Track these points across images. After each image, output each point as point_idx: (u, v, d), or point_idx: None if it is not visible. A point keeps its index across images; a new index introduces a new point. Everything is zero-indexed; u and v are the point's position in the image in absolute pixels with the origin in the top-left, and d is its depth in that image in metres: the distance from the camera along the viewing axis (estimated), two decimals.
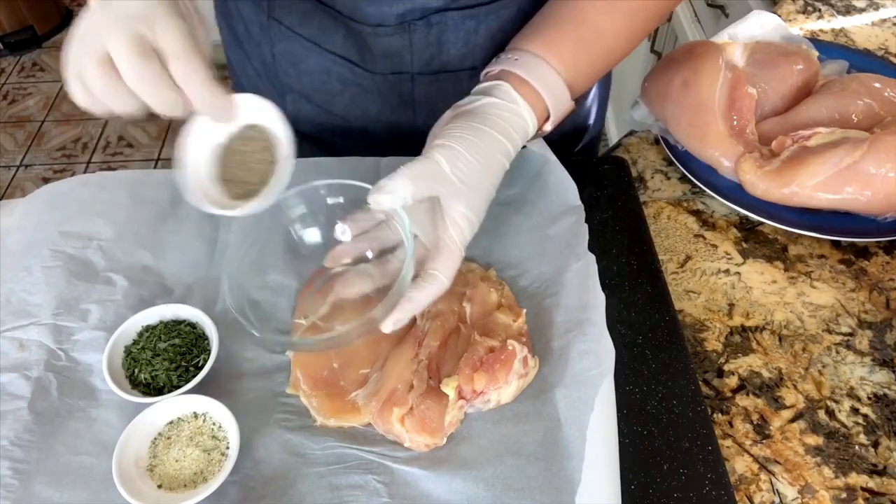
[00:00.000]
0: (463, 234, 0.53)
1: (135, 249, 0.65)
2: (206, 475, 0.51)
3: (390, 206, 0.50)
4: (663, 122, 0.78)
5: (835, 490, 0.53)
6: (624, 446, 0.52)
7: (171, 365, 0.56)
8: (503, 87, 0.57)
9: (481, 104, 0.56)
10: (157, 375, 0.55)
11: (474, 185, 0.53)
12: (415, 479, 0.51)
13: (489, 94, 0.57)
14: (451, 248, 0.53)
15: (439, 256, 0.52)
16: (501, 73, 0.58)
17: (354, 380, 0.56)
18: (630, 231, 0.68)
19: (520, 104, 0.56)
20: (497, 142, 0.54)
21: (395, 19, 0.68)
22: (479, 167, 0.53)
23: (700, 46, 0.80)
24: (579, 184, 0.65)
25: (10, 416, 0.54)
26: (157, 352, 0.56)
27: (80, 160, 2.40)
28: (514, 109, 0.56)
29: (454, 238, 0.53)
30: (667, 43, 1.68)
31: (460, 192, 0.52)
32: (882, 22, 0.98)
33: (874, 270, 0.68)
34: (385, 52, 0.70)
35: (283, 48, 0.74)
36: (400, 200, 0.50)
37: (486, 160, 0.53)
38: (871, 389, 0.59)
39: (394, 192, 0.50)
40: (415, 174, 0.51)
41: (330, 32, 0.71)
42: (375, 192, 0.50)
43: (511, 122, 0.56)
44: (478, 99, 0.56)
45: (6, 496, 0.50)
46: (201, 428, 0.53)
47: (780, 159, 0.71)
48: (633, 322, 0.61)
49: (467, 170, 0.52)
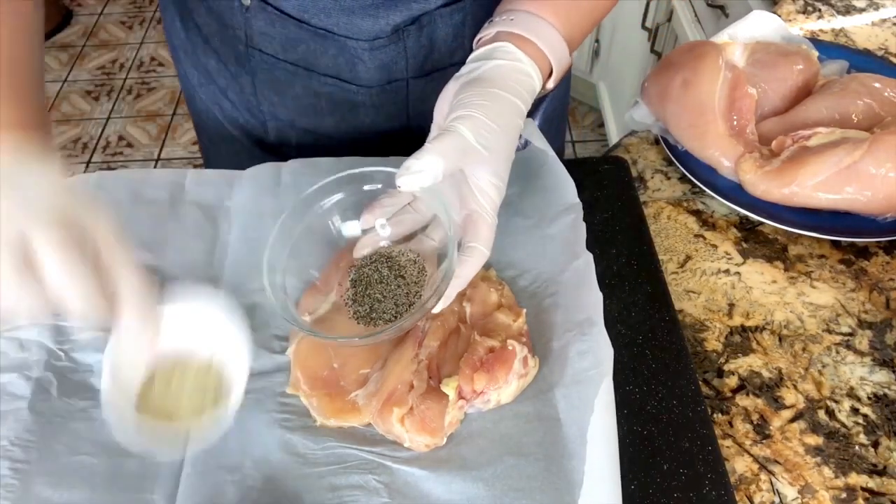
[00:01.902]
0: (493, 201, 0.52)
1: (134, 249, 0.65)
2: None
3: (422, 185, 0.49)
4: (663, 122, 0.78)
5: (835, 490, 0.53)
6: (624, 446, 0.52)
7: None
8: (506, 48, 0.55)
9: (488, 68, 0.55)
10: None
11: (497, 150, 0.52)
12: (415, 479, 0.51)
13: (492, 57, 0.55)
14: (484, 217, 0.52)
15: (475, 228, 0.52)
16: (499, 35, 0.57)
17: (354, 380, 0.56)
18: (630, 231, 0.68)
19: (525, 62, 0.55)
20: (511, 104, 0.53)
21: (391, 30, 0.67)
22: (500, 132, 0.52)
23: (700, 46, 0.80)
24: (579, 184, 0.65)
25: (10, 417, 0.54)
26: None
27: (80, 160, 2.40)
28: (521, 68, 0.55)
29: (486, 207, 0.52)
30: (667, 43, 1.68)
31: (486, 159, 0.51)
32: (882, 22, 0.98)
33: (874, 270, 0.68)
34: (380, 63, 0.69)
35: (266, 77, 0.72)
36: (431, 178, 0.49)
37: (504, 124, 0.52)
38: (871, 389, 0.59)
39: (424, 171, 0.48)
40: (443, 149, 0.49)
41: (318, 54, 0.69)
42: (404, 173, 0.49)
43: (520, 81, 0.55)
44: (482, 64, 0.55)
45: (6, 496, 0.50)
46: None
47: (780, 159, 0.71)
48: (633, 322, 0.61)
49: (490, 136, 0.51)
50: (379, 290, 0.56)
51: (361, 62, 0.69)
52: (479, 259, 0.52)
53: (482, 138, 0.51)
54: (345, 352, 0.57)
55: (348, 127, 0.75)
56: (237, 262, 0.64)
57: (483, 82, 0.54)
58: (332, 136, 0.76)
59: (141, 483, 0.51)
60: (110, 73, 2.73)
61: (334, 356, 0.57)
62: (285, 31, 0.68)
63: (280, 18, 0.67)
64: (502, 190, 0.53)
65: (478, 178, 0.52)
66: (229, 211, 0.68)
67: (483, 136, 0.51)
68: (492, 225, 0.53)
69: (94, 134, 2.48)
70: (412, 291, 0.56)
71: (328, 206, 0.59)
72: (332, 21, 0.66)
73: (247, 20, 0.68)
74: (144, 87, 2.66)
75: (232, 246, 0.65)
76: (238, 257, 0.64)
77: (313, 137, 0.77)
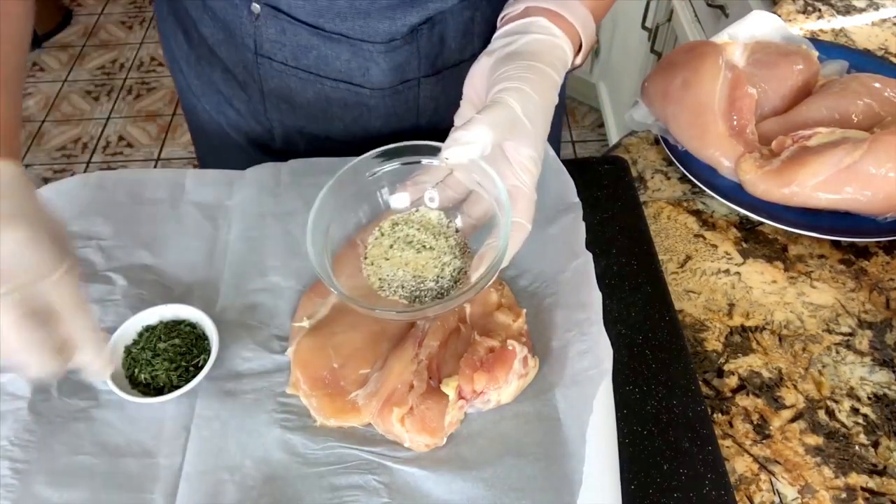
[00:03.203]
0: (533, 175, 0.52)
1: (134, 249, 0.65)
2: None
3: (470, 157, 0.48)
4: (663, 122, 0.78)
5: (835, 490, 0.53)
6: (624, 446, 0.52)
7: (171, 365, 0.56)
8: (540, 23, 0.55)
9: (525, 42, 0.54)
10: (157, 375, 0.55)
11: (538, 124, 0.52)
12: (415, 479, 0.51)
13: (527, 31, 0.55)
14: (525, 193, 0.52)
15: (516, 203, 0.51)
16: (528, 10, 0.56)
17: (354, 380, 0.56)
18: (630, 231, 0.68)
19: (559, 37, 0.55)
20: (551, 78, 0.53)
21: (407, 30, 0.67)
22: (543, 106, 0.52)
23: (700, 46, 0.80)
24: (579, 184, 0.65)
25: (10, 416, 0.54)
26: (158, 352, 0.56)
27: (80, 160, 2.40)
28: (556, 43, 0.55)
29: (527, 181, 0.52)
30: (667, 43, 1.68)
31: (530, 133, 0.51)
32: (882, 22, 0.98)
33: (874, 270, 0.68)
34: (394, 65, 0.69)
35: (275, 85, 0.72)
36: (480, 150, 0.48)
37: (545, 98, 0.52)
38: (871, 389, 0.59)
39: (473, 143, 0.48)
40: (493, 120, 0.49)
41: (330, 59, 0.69)
42: (452, 144, 0.48)
43: (557, 55, 0.55)
44: (518, 38, 0.55)
45: (6, 496, 0.50)
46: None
47: (780, 159, 0.71)
48: (633, 322, 0.61)
49: (535, 110, 0.51)
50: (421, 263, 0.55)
51: (375, 64, 0.69)
52: (522, 233, 0.52)
53: (528, 111, 0.50)
54: (345, 352, 0.57)
55: (358, 130, 0.75)
56: (237, 262, 0.64)
57: (523, 55, 0.53)
58: (340, 140, 0.76)
59: (141, 483, 0.51)
60: (110, 73, 2.73)
61: (334, 356, 0.57)
62: (297, 37, 0.68)
63: (292, 25, 0.67)
64: (540, 164, 0.53)
65: (519, 153, 0.51)
66: (229, 211, 0.68)
67: (529, 109, 0.50)
68: (532, 199, 0.52)
69: (94, 134, 2.48)
70: (456, 268, 0.55)
71: (379, 174, 0.58)
72: (348, 25, 0.66)
73: (256, 28, 0.68)
74: (144, 87, 2.66)
75: (232, 246, 0.65)
76: (238, 257, 0.64)
77: (321, 142, 0.77)
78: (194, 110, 0.84)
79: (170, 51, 0.81)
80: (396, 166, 0.58)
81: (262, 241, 0.65)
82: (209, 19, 0.72)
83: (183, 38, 0.77)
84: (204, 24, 0.73)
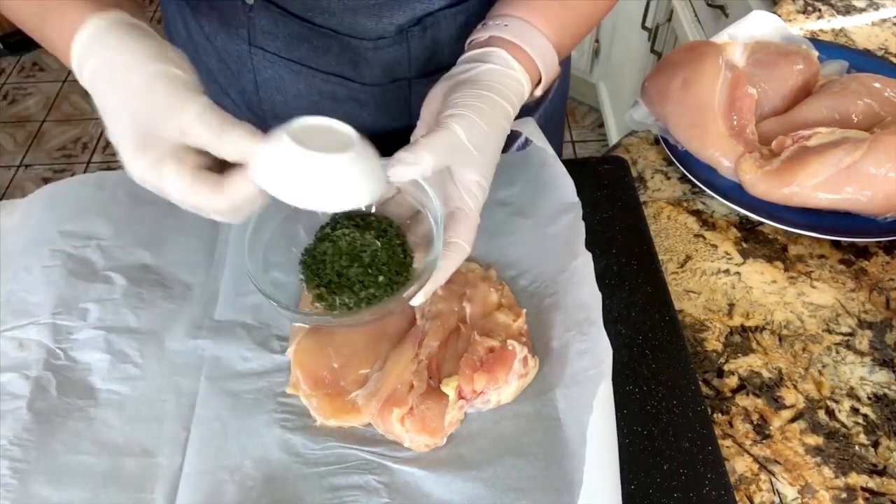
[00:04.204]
0: (478, 200, 0.53)
1: (134, 248, 0.65)
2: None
3: (411, 177, 0.50)
4: (663, 122, 0.78)
5: (835, 490, 0.53)
6: (624, 446, 0.52)
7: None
8: (499, 54, 0.57)
9: (481, 71, 0.56)
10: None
11: (486, 151, 0.53)
12: (415, 479, 0.51)
13: (485, 60, 0.56)
14: (468, 215, 0.53)
15: (458, 225, 0.53)
16: (491, 40, 0.58)
17: (354, 380, 0.56)
18: (630, 231, 0.68)
19: (516, 69, 0.56)
20: (501, 108, 0.54)
21: (395, 30, 0.67)
22: (490, 134, 0.53)
23: (700, 46, 0.80)
24: (579, 184, 0.65)
25: (9, 416, 0.54)
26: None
27: (80, 160, 2.40)
28: (512, 75, 0.56)
29: (470, 205, 0.53)
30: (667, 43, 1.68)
31: (475, 159, 0.52)
32: (882, 22, 0.98)
33: (874, 270, 0.68)
34: (384, 63, 0.70)
35: (268, 75, 0.72)
36: (420, 171, 0.50)
37: (494, 126, 0.53)
38: (871, 389, 0.59)
39: (415, 164, 0.49)
40: (434, 145, 0.50)
41: (321, 52, 0.69)
42: (395, 164, 0.49)
43: (510, 87, 0.56)
44: (475, 66, 0.56)
45: (5, 496, 0.50)
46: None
47: (780, 159, 0.71)
48: (633, 322, 0.61)
49: (481, 137, 0.52)
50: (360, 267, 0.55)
51: (365, 61, 0.70)
52: (460, 255, 0.53)
53: (474, 138, 0.52)
54: (345, 352, 0.57)
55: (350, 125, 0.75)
56: (237, 262, 0.64)
57: (476, 84, 0.55)
58: None
59: (141, 483, 0.51)
60: None
61: (334, 356, 0.57)
62: (288, 29, 0.68)
63: (284, 17, 0.67)
64: (486, 190, 0.54)
65: (464, 178, 0.53)
66: None
67: (475, 135, 0.52)
68: (475, 223, 0.53)
69: (94, 134, 2.48)
70: (394, 278, 0.55)
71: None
72: (336, 20, 0.66)
73: (250, 19, 0.69)
74: None
75: (232, 246, 0.65)
76: (238, 257, 0.64)
77: None
78: None
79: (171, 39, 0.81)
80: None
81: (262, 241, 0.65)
82: (205, 8, 0.72)
83: (182, 26, 0.77)
84: (200, 13, 0.74)
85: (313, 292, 0.54)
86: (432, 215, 0.53)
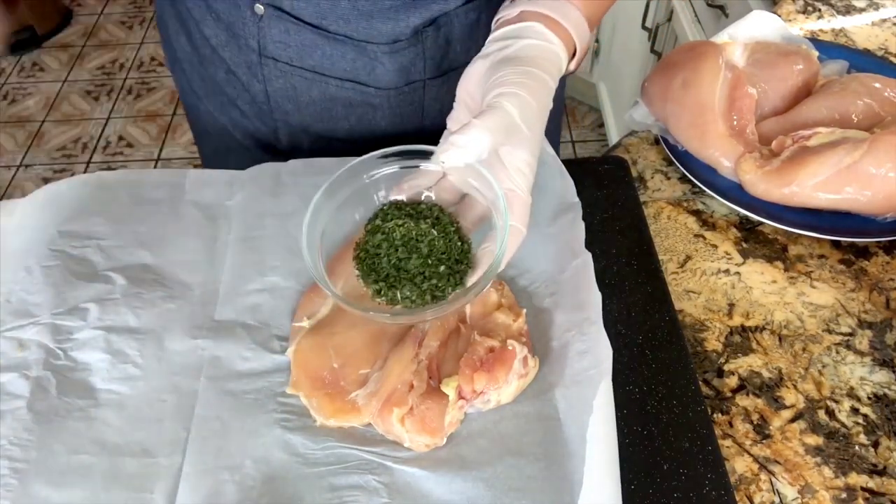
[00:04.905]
0: (529, 180, 0.52)
1: (134, 248, 0.65)
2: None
3: (468, 161, 0.48)
4: (663, 122, 0.78)
5: (835, 490, 0.53)
6: (624, 446, 0.52)
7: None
8: (536, 28, 0.55)
9: (520, 47, 0.54)
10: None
11: (535, 129, 0.52)
12: (415, 479, 0.51)
13: (522, 36, 0.55)
14: (521, 197, 0.52)
15: (512, 207, 0.51)
16: (523, 15, 0.56)
17: (354, 380, 0.56)
18: (630, 231, 0.68)
19: (555, 43, 0.55)
20: (546, 83, 0.53)
21: (410, 32, 0.67)
22: (539, 111, 0.52)
23: (700, 46, 0.80)
24: (579, 184, 0.65)
25: (8, 416, 0.54)
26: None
27: (80, 160, 2.40)
28: (552, 49, 0.55)
29: (522, 186, 0.52)
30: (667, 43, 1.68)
31: (527, 139, 0.51)
32: (882, 22, 0.98)
33: (874, 270, 0.68)
34: (399, 66, 0.69)
35: (279, 85, 0.72)
36: (476, 154, 0.48)
37: (541, 104, 0.52)
38: (871, 389, 0.59)
39: (469, 146, 0.48)
40: (491, 125, 0.49)
41: (335, 59, 0.69)
42: (448, 147, 0.48)
43: (552, 61, 0.55)
44: (513, 42, 0.55)
45: (5, 496, 0.50)
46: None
47: (780, 159, 0.71)
48: (633, 322, 0.61)
49: (532, 115, 0.51)
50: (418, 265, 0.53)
51: (381, 65, 0.69)
52: (517, 238, 0.52)
53: (525, 116, 0.50)
54: (345, 352, 0.57)
55: (363, 130, 0.75)
56: (237, 263, 0.64)
57: (519, 61, 0.53)
58: (345, 140, 0.76)
59: (141, 482, 0.51)
60: (110, 73, 2.72)
61: (334, 356, 0.57)
62: (301, 38, 0.68)
63: (296, 26, 0.67)
64: (535, 169, 0.53)
65: (515, 157, 0.51)
66: (229, 211, 0.67)
67: (526, 114, 0.50)
68: (527, 203, 0.52)
69: (94, 134, 2.48)
70: (455, 267, 0.53)
71: (377, 177, 0.57)
72: (351, 27, 0.66)
73: (260, 29, 0.68)
74: (144, 87, 2.66)
75: (232, 246, 0.65)
76: (238, 257, 0.64)
77: (326, 142, 0.77)
78: (197, 112, 0.84)
79: (171, 52, 0.81)
80: (395, 169, 0.57)
81: (262, 241, 0.65)
82: (212, 21, 0.72)
83: (185, 40, 0.77)
84: (206, 26, 0.73)
85: (372, 287, 0.52)
86: (491, 200, 0.51)
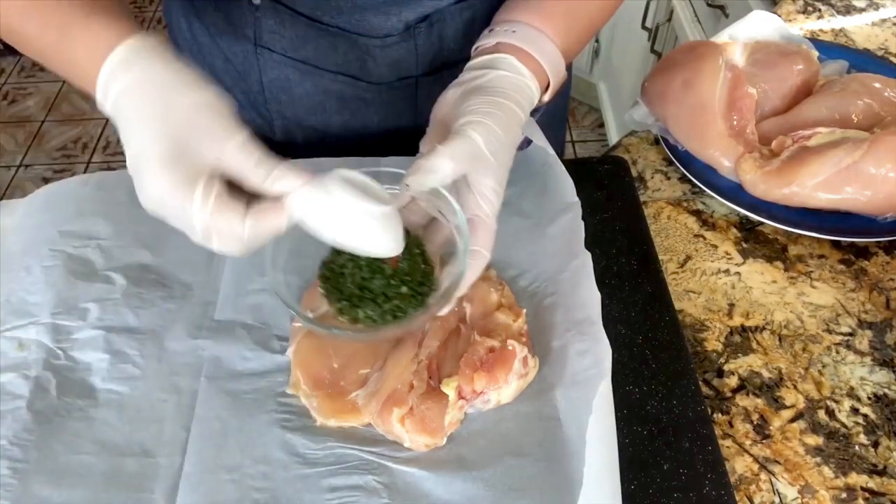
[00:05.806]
0: (494, 207, 0.53)
1: (134, 248, 0.65)
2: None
3: (432, 185, 0.50)
4: (663, 122, 0.78)
5: (835, 490, 0.53)
6: (624, 446, 0.52)
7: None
8: (509, 60, 0.56)
9: (492, 78, 0.55)
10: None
11: (501, 158, 0.53)
12: (415, 479, 0.51)
13: (495, 67, 0.56)
14: (486, 222, 0.53)
15: (477, 232, 0.52)
16: (500, 46, 0.58)
17: (354, 380, 0.56)
18: (630, 231, 0.68)
19: (526, 76, 0.56)
20: (515, 114, 0.54)
21: (403, 27, 0.67)
22: (505, 140, 0.53)
23: (700, 46, 0.80)
24: (579, 184, 0.65)
25: (8, 416, 0.54)
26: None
27: (80, 160, 2.40)
28: (522, 82, 0.56)
29: (487, 212, 0.53)
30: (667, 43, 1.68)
31: (492, 167, 0.52)
32: (882, 22, 0.98)
33: (874, 270, 0.68)
34: (391, 61, 0.70)
35: (275, 75, 0.72)
36: (440, 179, 0.49)
37: (508, 133, 0.53)
38: (871, 389, 0.59)
39: (435, 172, 0.49)
40: (455, 153, 0.50)
41: (328, 51, 0.69)
42: (415, 172, 0.49)
43: (522, 93, 0.56)
44: (486, 73, 0.56)
45: (5, 496, 0.50)
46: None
47: (780, 159, 0.71)
48: (633, 322, 0.61)
49: (498, 144, 0.52)
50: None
51: (372, 59, 0.70)
52: (481, 262, 0.53)
53: (491, 145, 0.51)
54: (345, 352, 0.57)
55: (357, 124, 0.76)
56: (237, 263, 0.64)
57: (489, 91, 0.54)
58: (339, 135, 0.76)
59: (141, 482, 0.51)
60: None
61: (334, 356, 0.57)
62: (296, 29, 0.68)
63: (291, 17, 0.67)
64: (501, 197, 0.54)
65: (481, 185, 0.52)
66: None
67: (492, 143, 0.52)
68: (492, 230, 0.53)
69: (94, 134, 2.48)
70: (418, 289, 0.54)
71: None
72: (344, 19, 0.66)
73: (256, 19, 0.68)
74: None
75: None
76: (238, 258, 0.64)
77: (320, 135, 0.77)
78: None
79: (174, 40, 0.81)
80: None
81: None
82: (211, 9, 0.72)
83: (186, 27, 0.77)
84: (205, 14, 0.73)
85: (335, 306, 0.52)
86: (454, 224, 0.53)
